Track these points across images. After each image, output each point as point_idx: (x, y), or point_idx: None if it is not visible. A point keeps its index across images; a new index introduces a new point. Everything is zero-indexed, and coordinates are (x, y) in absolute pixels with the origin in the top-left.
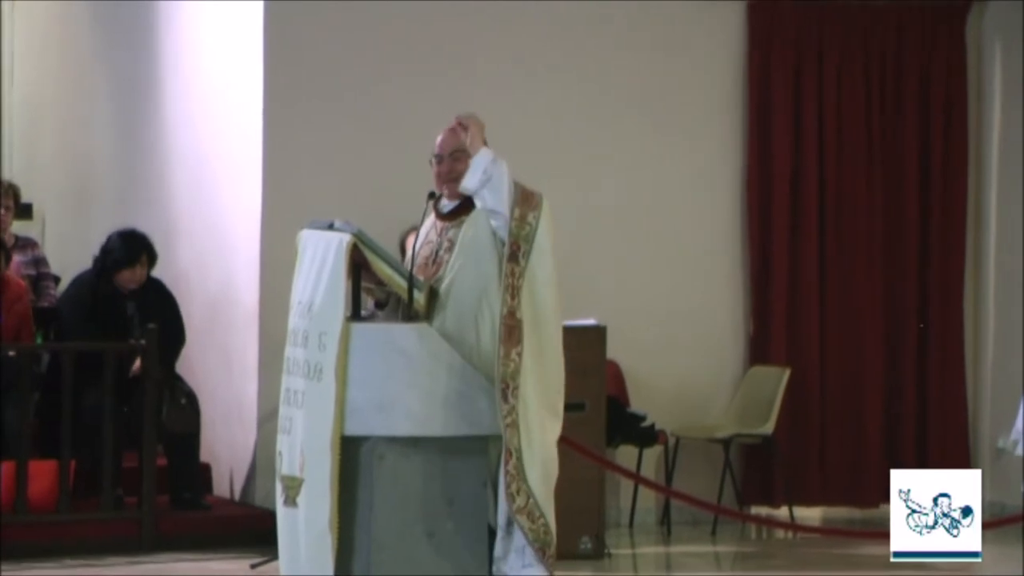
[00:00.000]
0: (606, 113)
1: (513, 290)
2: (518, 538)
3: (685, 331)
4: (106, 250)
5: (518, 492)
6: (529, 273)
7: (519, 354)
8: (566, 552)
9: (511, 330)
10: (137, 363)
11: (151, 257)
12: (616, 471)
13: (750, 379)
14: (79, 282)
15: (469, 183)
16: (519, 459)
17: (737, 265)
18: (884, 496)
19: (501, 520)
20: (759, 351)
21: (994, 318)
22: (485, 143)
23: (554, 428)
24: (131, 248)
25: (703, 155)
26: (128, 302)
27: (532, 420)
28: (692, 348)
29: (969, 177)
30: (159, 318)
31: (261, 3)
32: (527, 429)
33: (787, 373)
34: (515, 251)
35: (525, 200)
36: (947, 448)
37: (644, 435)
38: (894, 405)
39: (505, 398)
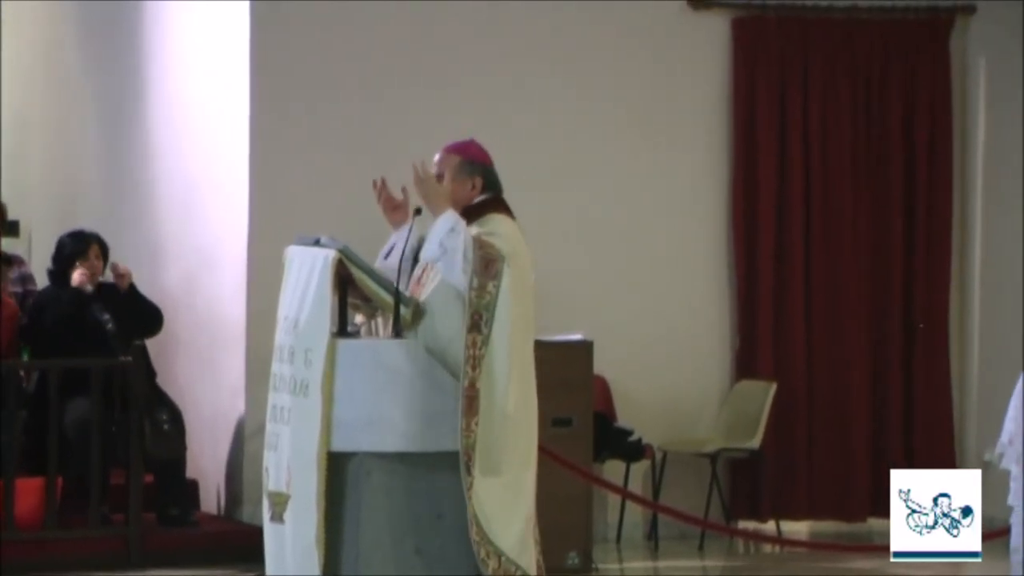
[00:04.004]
0: (591, 127)
1: (474, 361)
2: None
3: (672, 346)
4: (57, 250)
5: (488, 556)
6: (490, 343)
7: (476, 424)
8: (553, 568)
9: (471, 401)
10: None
11: (103, 247)
12: (603, 486)
13: (737, 393)
14: (42, 295)
15: (427, 253)
16: (479, 525)
17: (723, 279)
18: (871, 510)
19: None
20: (745, 365)
21: (979, 331)
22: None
23: (517, 484)
24: (80, 239)
25: (688, 168)
26: (93, 304)
27: (484, 488)
28: (679, 363)
29: (954, 190)
30: (128, 310)
31: (247, 19)
32: (479, 500)
33: (773, 387)
34: (476, 321)
35: (485, 269)
36: (934, 461)
37: (631, 450)
38: (881, 419)
39: (468, 470)
